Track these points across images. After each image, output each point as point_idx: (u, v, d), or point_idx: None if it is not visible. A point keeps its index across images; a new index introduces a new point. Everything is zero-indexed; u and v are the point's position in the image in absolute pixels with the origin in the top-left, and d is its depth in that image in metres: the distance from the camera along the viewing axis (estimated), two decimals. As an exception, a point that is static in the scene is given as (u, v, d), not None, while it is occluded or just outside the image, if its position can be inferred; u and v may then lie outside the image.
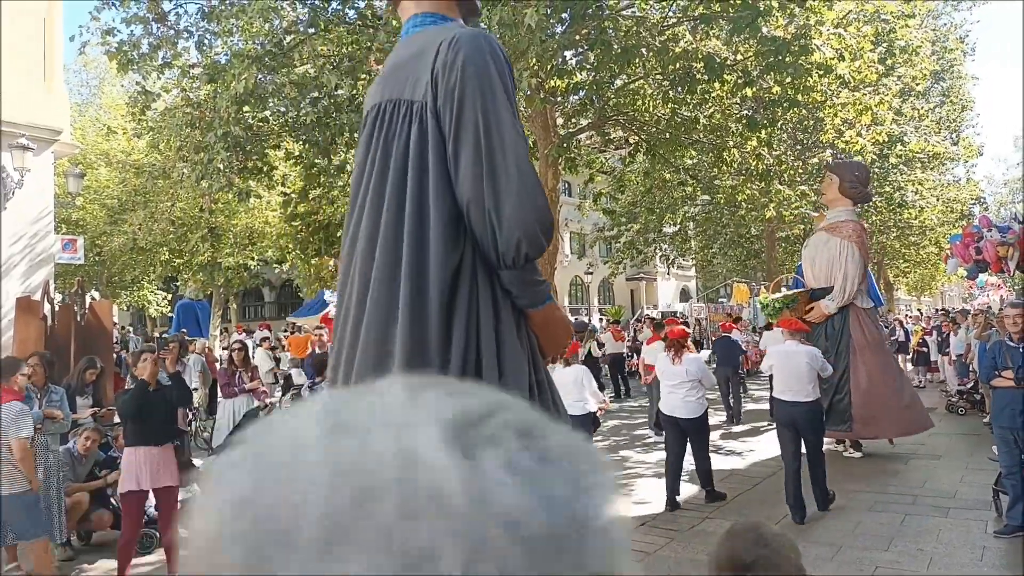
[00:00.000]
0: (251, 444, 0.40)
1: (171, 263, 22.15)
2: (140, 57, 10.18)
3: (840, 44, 10.76)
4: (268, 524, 0.35)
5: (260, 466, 0.38)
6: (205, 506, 0.38)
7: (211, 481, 0.39)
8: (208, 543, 0.37)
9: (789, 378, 6.45)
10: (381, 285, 1.90)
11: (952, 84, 28.11)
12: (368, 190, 2.03)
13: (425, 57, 2.01)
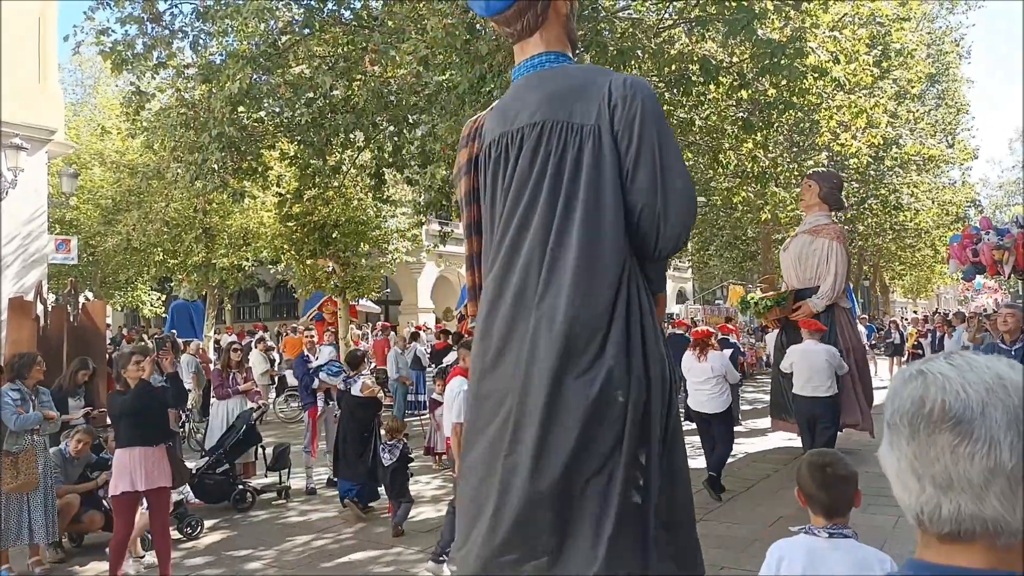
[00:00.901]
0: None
1: (165, 264, 22.06)
2: (135, 57, 10.14)
3: (836, 47, 10.78)
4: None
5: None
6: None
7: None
8: None
9: (810, 374, 6.88)
10: (560, 263, 2.38)
11: (947, 87, 28.16)
12: (542, 189, 2.52)
13: (590, 91, 2.55)
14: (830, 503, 2.16)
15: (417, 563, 5.58)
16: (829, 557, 2.10)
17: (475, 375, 2.63)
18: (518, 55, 2.86)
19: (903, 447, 0.93)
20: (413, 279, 31.07)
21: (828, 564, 2.09)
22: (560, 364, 2.26)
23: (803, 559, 2.11)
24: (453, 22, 7.93)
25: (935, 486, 0.89)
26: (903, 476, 0.94)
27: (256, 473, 8.17)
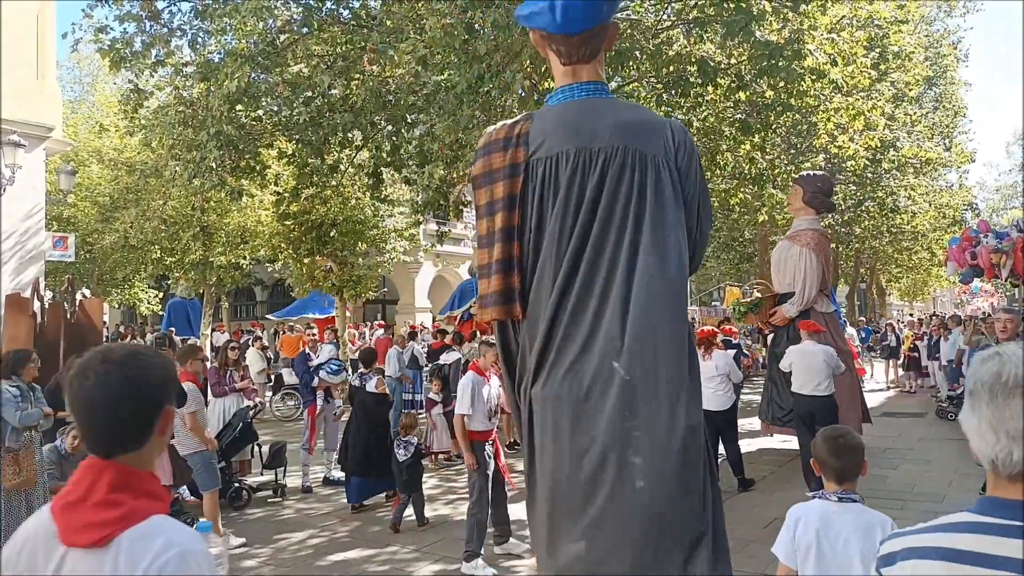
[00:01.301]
0: None
1: (162, 261, 22.04)
2: (133, 55, 10.14)
3: (833, 49, 10.80)
4: None
5: None
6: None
7: None
8: None
9: (808, 374, 7.04)
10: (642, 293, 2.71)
11: (945, 90, 28.23)
12: (629, 211, 2.85)
13: (655, 128, 2.96)
14: (841, 469, 2.49)
15: (412, 561, 5.59)
16: (839, 518, 2.44)
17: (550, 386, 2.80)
18: (567, 77, 3.12)
19: (983, 409, 1.23)
20: (410, 278, 31.08)
21: (838, 524, 2.42)
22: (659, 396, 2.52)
23: (817, 520, 2.46)
24: (452, 22, 7.94)
25: (1009, 438, 1.18)
26: (982, 431, 1.23)
27: (252, 471, 8.18)
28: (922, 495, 6.97)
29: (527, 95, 10.49)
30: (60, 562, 1.29)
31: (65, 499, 1.34)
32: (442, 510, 7.13)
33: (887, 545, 1.39)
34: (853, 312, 31.39)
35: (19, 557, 1.34)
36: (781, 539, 2.55)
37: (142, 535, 1.28)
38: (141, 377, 1.37)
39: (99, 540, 1.27)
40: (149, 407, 1.38)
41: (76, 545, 1.29)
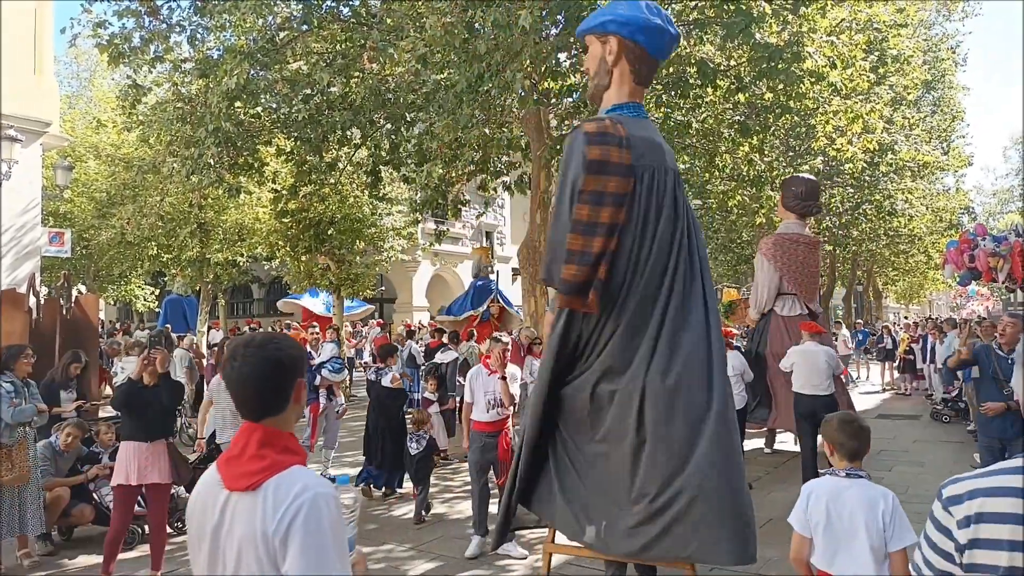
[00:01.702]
0: None
1: (159, 258, 21.98)
2: (131, 50, 10.11)
3: (832, 52, 10.81)
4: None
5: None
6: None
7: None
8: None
9: (810, 374, 7.15)
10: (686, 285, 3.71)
11: (943, 94, 28.29)
12: (686, 227, 3.73)
13: (665, 145, 3.88)
14: (854, 448, 2.82)
15: (408, 559, 5.58)
16: (847, 492, 2.75)
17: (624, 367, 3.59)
18: (635, 95, 3.88)
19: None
20: (408, 277, 31.07)
21: (845, 497, 2.74)
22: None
23: (827, 494, 2.77)
24: (452, 21, 7.93)
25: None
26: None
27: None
28: (916, 496, 6.97)
29: (527, 94, 10.49)
30: (224, 503, 1.66)
31: (228, 455, 1.72)
32: (438, 508, 7.12)
33: (951, 488, 1.57)
34: (850, 314, 31.43)
35: (196, 500, 1.74)
36: (796, 512, 2.86)
37: (284, 481, 1.62)
38: (278, 357, 1.71)
39: (252, 485, 1.62)
40: (286, 380, 1.72)
41: (235, 489, 1.65)
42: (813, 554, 2.79)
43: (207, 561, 1.68)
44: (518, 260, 12.57)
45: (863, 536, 2.63)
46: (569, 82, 11.51)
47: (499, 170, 14.04)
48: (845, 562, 2.66)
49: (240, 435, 1.71)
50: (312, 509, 1.56)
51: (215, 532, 1.66)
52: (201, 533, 1.69)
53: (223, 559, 1.64)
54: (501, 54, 8.08)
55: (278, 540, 1.56)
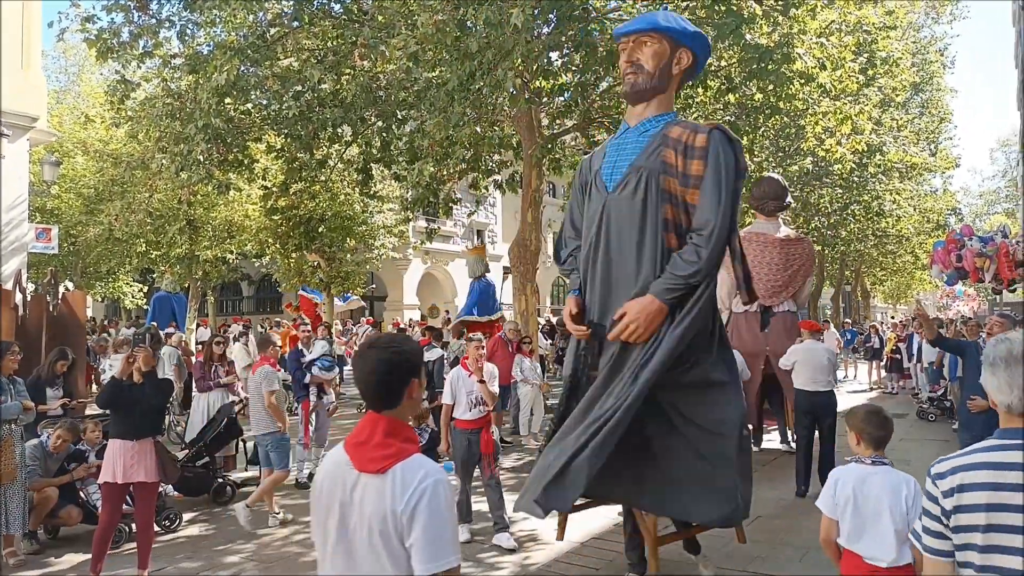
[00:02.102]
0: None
1: (148, 255, 21.86)
2: (120, 45, 10.05)
3: (822, 53, 10.87)
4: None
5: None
6: None
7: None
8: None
9: (813, 371, 7.28)
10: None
11: (931, 96, 28.50)
12: None
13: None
14: (879, 437, 3.04)
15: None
16: (872, 478, 2.95)
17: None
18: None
19: (1000, 373, 1.90)
20: (399, 275, 31.00)
21: (870, 482, 2.94)
22: None
23: (853, 479, 2.97)
24: (443, 19, 7.93)
25: (1018, 389, 1.86)
26: (1000, 387, 1.90)
27: (237, 467, 8.14)
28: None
29: (518, 93, 10.49)
30: (355, 482, 1.92)
31: (355, 440, 1.98)
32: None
33: (937, 467, 1.97)
34: (838, 314, 31.63)
35: (324, 478, 2.01)
36: (824, 496, 3.07)
37: (410, 466, 1.89)
38: (397, 359, 1.99)
39: (381, 468, 1.89)
40: (404, 378, 1.99)
41: (366, 471, 1.91)
42: (840, 535, 3.00)
43: (336, 530, 1.95)
44: (509, 258, 12.57)
45: (887, 519, 2.83)
46: (560, 81, 11.52)
47: (490, 168, 14.03)
48: (870, 542, 2.88)
49: (366, 423, 1.99)
50: (434, 493, 1.85)
51: (343, 507, 1.94)
52: (329, 505, 1.97)
53: (350, 529, 1.92)
54: (493, 52, 8.08)
55: (405, 518, 1.84)
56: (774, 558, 5.37)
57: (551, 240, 39.52)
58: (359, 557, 1.90)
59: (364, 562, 1.89)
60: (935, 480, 1.94)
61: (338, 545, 1.94)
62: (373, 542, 1.87)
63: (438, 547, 1.83)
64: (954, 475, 1.90)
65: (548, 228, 32.00)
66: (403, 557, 1.85)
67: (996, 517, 1.81)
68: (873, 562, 2.88)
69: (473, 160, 12.48)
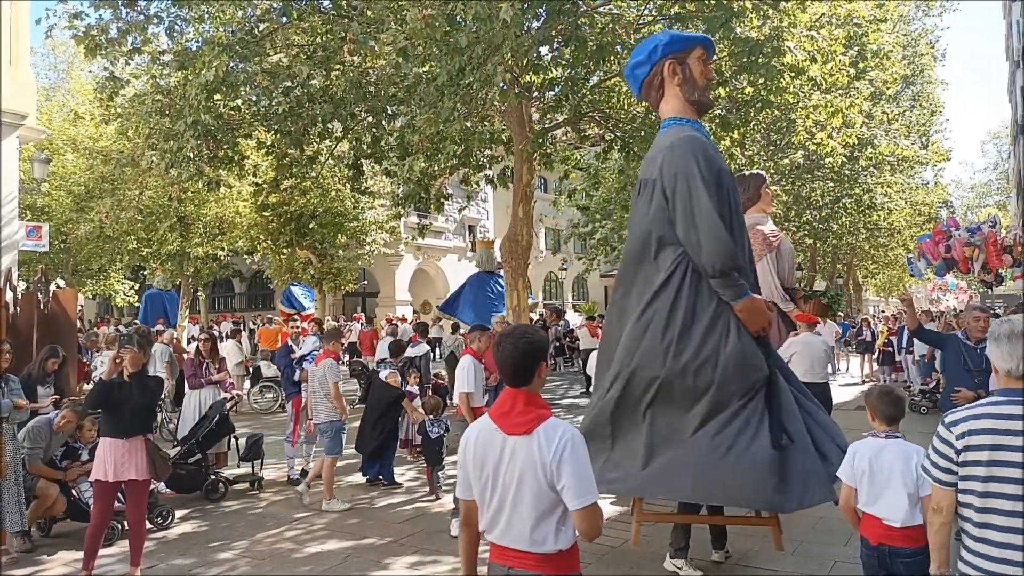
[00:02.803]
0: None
1: (139, 252, 21.78)
2: (108, 42, 9.98)
3: (812, 46, 10.89)
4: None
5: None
6: None
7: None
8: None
9: (810, 362, 7.43)
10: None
11: (922, 89, 28.58)
12: (635, 222, 4.92)
13: (659, 153, 4.75)
14: (892, 414, 3.38)
15: (389, 553, 5.60)
16: (886, 449, 3.31)
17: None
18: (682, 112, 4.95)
19: (1004, 346, 2.46)
20: (391, 271, 30.96)
21: (885, 452, 3.30)
22: None
23: (869, 451, 3.34)
24: (432, 13, 7.90)
25: (1018, 359, 2.41)
26: (1003, 356, 2.46)
27: (228, 464, 8.13)
28: (893, 487, 7.10)
29: (508, 88, 10.48)
30: (503, 444, 2.41)
31: (499, 411, 2.46)
32: (420, 503, 7.14)
33: (951, 417, 2.53)
34: (830, 307, 31.72)
35: (475, 441, 2.48)
36: (843, 466, 3.44)
37: (550, 427, 2.37)
38: (529, 346, 2.46)
39: (527, 431, 2.37)
40: (533, 361, 2.47)
41: (514, 434, 2.39)
42: (858, 501, 3.37)
43: (489, 484, 2.43)
44: (500, 253, 12.57)
45: (899, 484, 3.21)
46: (551, 75, 11.51)
47: (481, 164, 14.02)
48: (885, 505, 3.25)
49: (507, 397, 2.46)
50: (574, 445, 2.33)
51: (496, 464, 2.41)
52: (482, 464, 2.45)
53: (503, 481, 2.39)
54: (482, 47, 8.07)
55: (554, 466, 2.30)
56: (765, 551, 5.40)
57: (543, 235, 39.56)
58: (507, 501, 2.38)
59: (512, 505, 2.37)
60: (949, 427, 2.49)
61: (493, 493, 2.42)
62: (523, 488, 2.34)
63: (584, 487, 2.30)
64: (965, 423, 2.45)
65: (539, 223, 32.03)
66: (548, 498, 2.33)
67: (996, 455, 2.37)
68: (888, 523, 3.24)
69: (464, 155, 12.47)
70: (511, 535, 2.37)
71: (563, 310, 22.70)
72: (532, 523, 2.33)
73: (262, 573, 5.29)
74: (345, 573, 5.24)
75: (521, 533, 2.35)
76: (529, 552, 2.34)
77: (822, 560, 5.24)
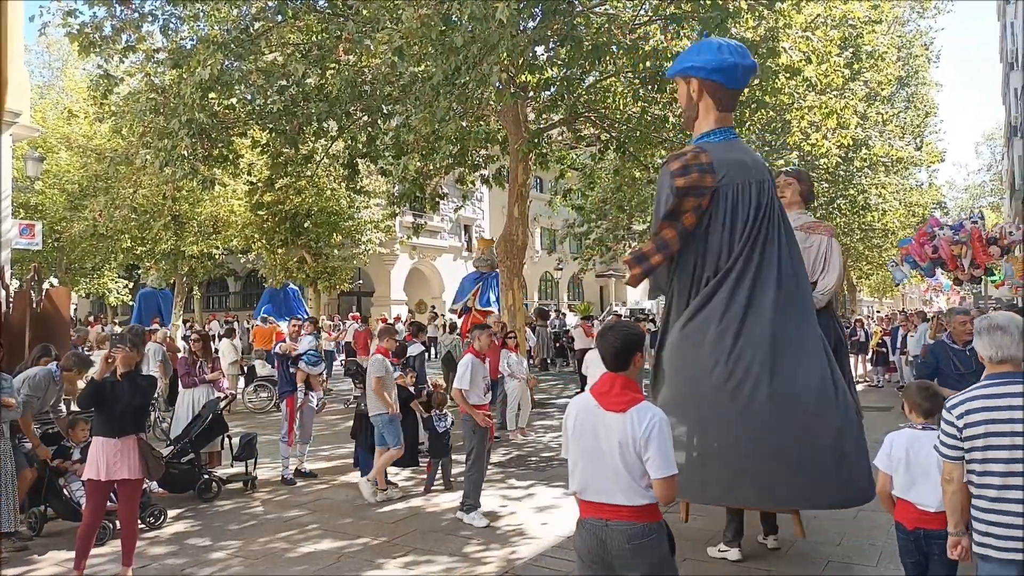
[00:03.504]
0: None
1: (133, 251, 21.70)
2: (102, 40, 9.96)
3: (808, 47, 10.92)
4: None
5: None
6: None
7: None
8: None
9: None
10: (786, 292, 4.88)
11: (916, 90, 28.65)
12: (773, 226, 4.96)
13: (759, 162, 5.12)
14: (929, 408, 3.60)
15: (383, 553, 5.59)
16: (921, 439, 3.54)
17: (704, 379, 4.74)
18: (722, 121, 5.10)
19: (984, 338, 2.96)
20: (386, 270, 30.92)
21: (920, 443, 3.53)
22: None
23: (906, 441, 3.60)
24: (428, 13, 7.89)
25: (996, 347, 2.92)
26: (985, 347, 2.95)
27: (222, 463, 8.11)
28: (887, 488, 7.10)
29: (504, 87, 10.48)
30: (600, 417, 2.89)
31: (600, 391, 2.94)
32: (414, 502, 7.13)
33: (951, 402, 2.97)
34: (825, 308, 31.79)
35: (579, 415, 2.99)
36: (880, 456, 3.69)
37: (641, 409, 2.83)
38: (628, 338, 2.96)
39: (623, 409, 2.84)
40: (631, 350, 2.95)
41: (611, 411, 2.87)
42: (894, 487, 3.60)
43: (589, 451, 2.91)
44: (496, 253, 12.57)
45: (935, 472, 3.36)
46: (546, 75, 11.50)
47: (477, 163, 14.01)
48: (921, 491, 3.51)
49: (608, 379, 2.95)
50: (660, 426, 2.80)
51: (595, 434, 2.89)
52: (584, 431, 2.94)
53: (602, 448, 2.86)
54: (478, 47, 8.06)
55: (643, 441, 2.78)
56: (760, 551, 5.40)
57: (538, 234, 39.57)
58: (603, 465, 2.87)
59: (607, 469, 2.86)
60: (950, 410, 2.95)
61: (590, 458, 2.90)
62: (614, 456, 2.83)
63: (666, 461, 2.78)
64: (962, 405, 2.92)
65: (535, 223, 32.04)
66: (635, 466, 2.81)
67: (991, 427, 2.84)
68: (923, 507, 3.50)
69: (459, 155, 12.47)
70: (608, 493, 2.88)
71: (548, 312, 22.61)
72: (625, 484, 2.83)
73: (255, 573, 5.28)
74: (339, 573, 5.23)
75: (617, 491, 2.85)
76: (624, 506, 2.86)
77: (815, 559, 5.25)
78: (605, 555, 2.90)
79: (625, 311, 30.98)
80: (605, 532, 2.88)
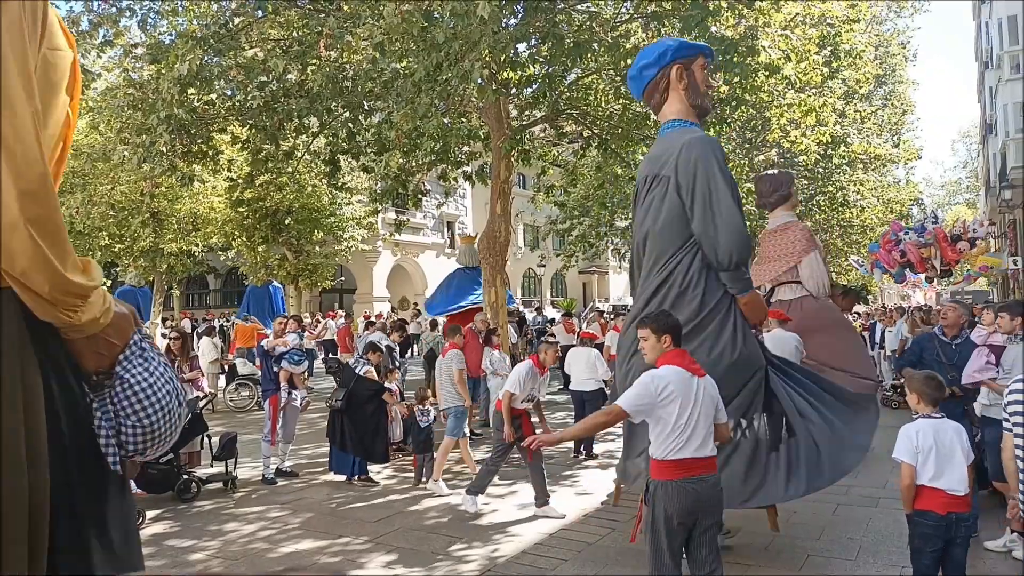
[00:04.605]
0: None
1: (111, 248, 21.45)
2: (79, 34, 9.80)
3: (787, 46, 10.99)
4: None
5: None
6: None
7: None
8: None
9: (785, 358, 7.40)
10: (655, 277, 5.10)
11: (893, 88, 28.94)
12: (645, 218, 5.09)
13: (672, 151, 4.91)
14: (936, 397, 3.78)
15: (364, 552, 5.57)
16: (942, 426, 3.72)
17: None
18: (673, 116, 5.27)
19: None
20: (368, 267, 30.80)
21: (942, 431, 3.70)
22: None
23: (931, 429, 3.71)
24: (409, 9, 7.86)
25: None
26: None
27: (201, 463, 8.04)
28: (865, 482, 7.17)
29: (486, 84, 10.46)
30: (697, 384, 3.57)
31: (683, 361, 3.64)
32: (396, 502, 7.12)
33: (1012, 384, 3.70)
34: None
35: (673, 381, 3.53)
36: (904, 448, 3.74)
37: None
38: (669, 320, 3.79)
39: (702, 374, 3.66)
40: (680, 331, 3.82)
41: (699, 376, 3.62)
42: (920, 478, 3.68)
43: (689, 413, 3.50)
44: (478, 249, 12.55)
45: (960, 457, 3.60)
46: (528, 72, 11.49)
47: (459, 160, 13.97)
48: (950, 477, 3.62)
49: (679, 353, 3.70)
50: (715, 385, 3.69)
51: (695, 398, 3.52)
52: (684, 394, 3.51)
53: (701, 410, 3.52)
54: (460, 43, 8.03)
55: (718, 400, 3.65)
56: (739, 547, 5.45)
57: (521, 231, 39.59)
58: (697, 420, 3.49)
59: (703, 426, 3.51)
60: (1014, 390, 3.63)
61: (690, 420, 3.47)
62: (708, 414, 3.55)
63: (723, 409, 3.70)
64: (1012, 393, 3.64)
65: (518, 219, 32.04)
66: (712, 418, 3.57)
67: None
68: (953, 493, 3.62)
69: (441, 152, 12.42)
70: (706, 447, 3.50)
71: (522, 312, 22.25)
72: (709, 436, 3.53)
73: (235, 573, 5.24)
74: (319, 573, 5.21)
75: (706, 445, 3.51)
76: (711, 457, 3.54)
77: (794, 553, 5.31)
78: (696, 509, 3.42)
79: (608, 307, 31.10)
80: (700, 486, 3.44)
